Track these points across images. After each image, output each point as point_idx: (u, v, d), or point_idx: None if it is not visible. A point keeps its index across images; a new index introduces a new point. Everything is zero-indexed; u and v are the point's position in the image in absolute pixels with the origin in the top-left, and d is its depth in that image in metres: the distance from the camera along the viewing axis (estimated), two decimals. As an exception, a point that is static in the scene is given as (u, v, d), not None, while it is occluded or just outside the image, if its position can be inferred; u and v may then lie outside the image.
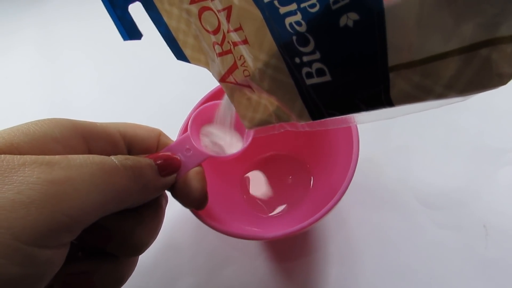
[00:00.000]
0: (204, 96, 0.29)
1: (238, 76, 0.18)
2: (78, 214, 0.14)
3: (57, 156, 0.15)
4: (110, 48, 0.49)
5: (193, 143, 0.21)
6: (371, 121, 0.17)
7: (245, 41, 0.16)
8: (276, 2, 0.14)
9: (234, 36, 0.17)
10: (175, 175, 0.20)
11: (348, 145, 0.26)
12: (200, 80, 0.42)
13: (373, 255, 0.30)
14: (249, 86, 0.18)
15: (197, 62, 0.19)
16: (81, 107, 0.44)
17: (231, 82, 0.19)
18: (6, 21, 0.53)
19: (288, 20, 0.14)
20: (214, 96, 0.29)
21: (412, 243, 0.30)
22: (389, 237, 0.31)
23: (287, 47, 0.15)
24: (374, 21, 0.13)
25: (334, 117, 0.17)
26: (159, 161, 0.19)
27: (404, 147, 0.35)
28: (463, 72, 0.12)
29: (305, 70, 0.16)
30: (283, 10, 0.14)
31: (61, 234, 0.14)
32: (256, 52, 0.16)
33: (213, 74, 0.19)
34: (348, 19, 0.13)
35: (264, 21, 0.15)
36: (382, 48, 0.13)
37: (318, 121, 0.17)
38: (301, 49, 0.15)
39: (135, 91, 0.44)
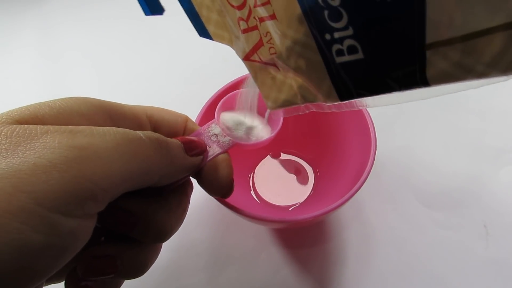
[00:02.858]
0: (213, 95, 0.29)
1: (263, 54, 0.18)
2: (102, 181, 0.13)
3: (80, 126, 0.15)
4: (110, 48, 0.49)
5: (220, 129, 0.21)
6: (382, 105, 0.17)
7: (272, 16, 0.16)
8: None
9: (261, 11, 0.16)
10: (201, 157, 0.20)
11: (362, 140, 0.26)
12: (202, 80, 0.42)
13: (373, 255, 0.30)
14: (274, 65, 0.18)
15: (220, 39, 0.19)
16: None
17: (255, 61, 0.18)
18: (7, 21, 0.53)
19: None
20: (223, 94, 0.29)
21: (412, 243, 0.30)
22: (389, 237, 0.31)
23: (317, 22, 0.15)
24: None
25: (349, 100, 0.16)
26: (186, 143, 0.19)
27: (405, 147, 0.35)
28: (509, 49, 0.12)
29: (335, 47, 0.15)
30: None
31: (86, 202, 0.13)
32: (284, 28, 0.16)
33: (236, 52, 0.19)
34: None
35: None
36: (421, 23, 0.13)
37: (341, 102, 0.17)
38: (333, 24, 0.15)
39: (135, 91, 0.44)
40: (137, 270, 0.18)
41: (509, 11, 0.11)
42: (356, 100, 0.17)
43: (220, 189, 0.21)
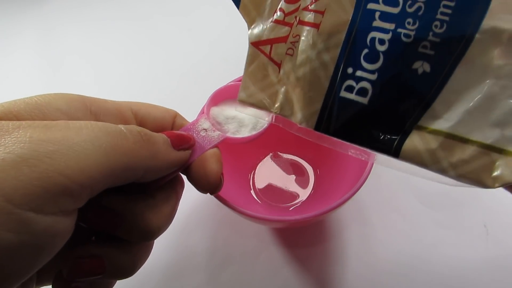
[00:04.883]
0: (211, 95, 0.28)
1: (279, 50, 0.18)
2: (77, 175, 0.13)
3: (56, 121, 0.14)
4: (110, 48, 0.49)
5: (209, 123, 0.21)
6: (390, 167, 0.17)
7: (316, 25, 0.16)
8: (376, 14, 0.15)
9: (308, 16, 0.17)
10: (189, 151, 0.19)
11: None
12: (202, 81, 0.42)
13: (373, 255, 0.30)
14: (278, 65, 0.18)
15: (245, 13, 0.19)
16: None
17: (262, 51, 0.18)
18: (7, 21, 0.53)
19: (374, 34, 0.15)
20: (223, 91, 0.28)
21: (412, 242, 0.30)
22: (389, 237, 0.31)
23: (351, 53, 0.16)
24: (437, 79, 0.14)
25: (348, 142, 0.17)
26: (172, 137, 0.18)
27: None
28: (471, 162, 0.14)
29: (349, 82, 0.16)
30: (377, 23, 0.15)
31: (60, 197, 0.12)
32: (319, 40, 0.16)
33: (249, 33, 0.19)
34: (422, 66, 0.14)
35: (349, 22, 0.16)
36: (425, 107, 0.15)
37: (325, 136, 0.17)
38: (364, 63, 0.15)
39: (134, 91, 0.44)
40: (126, 270, 0.17)
41: (488, 136, 0.14)
42: (371, 152, 0.17)
43: (208, 184, 0.20)
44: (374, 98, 0.15)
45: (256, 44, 0.18)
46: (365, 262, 0.30)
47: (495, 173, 0.14)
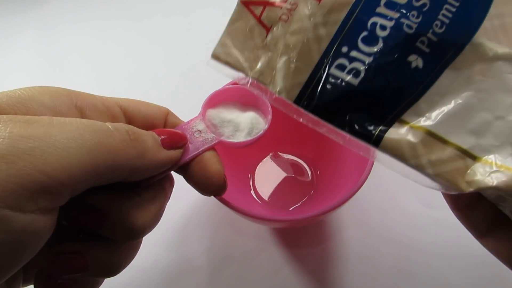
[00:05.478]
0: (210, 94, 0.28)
1: (270, 13, 0.17)
2: (58, 173, 0.12)
3: (41, 116, 0.14)
4: (110, 48, 0.49)
5: (204, 125, 0.21)
6: (388, 168, 0.16)
7: None
8: (382, 1, 0.15)
9: None
10: (180, 150, 0.19)
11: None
12: (202, 81, 0.42)
13: (373, 255, 0.30)
14: (267, 29, 0.17)
15: None
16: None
17: (251, 11, 0.17)
18: (7, 21, 0.53)
19: (376, 19, 0.15)
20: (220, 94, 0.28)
21: (412, 242, 0.30)
22: (390, 237, 0.31)
23: (349, 33, 0.16)
24: (426, 78, 0.15)
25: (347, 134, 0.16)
26: (163, 135, 0.18)
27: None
28: (449, 163, 0.15)
29: (341, 61, 0.16)
30: (381, 10, 0.15)
31: (39, 195, 0.12)
32: (318, 13, 0.16)
33: None
34: (416, 60, 0.15)
35: (353, 2, 0.16)
36: (411, 103, 0.15)
37: (302, 111, 0.16)
38: (361, 44, 0.15)
39: (134, 91, 0.44)
40: (109, 269, 0.17)
41: (466, 142, 0.15)
42: (373, 150, 0.16)
43: (212, 186, 0.19)
44: (365, 81, 0.15)
45: (246, 4, 0.17)
46: (365, 262, 0.30)
47: (468, 178, 0.15)
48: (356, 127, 0.16)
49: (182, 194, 0.24)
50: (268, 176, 0.34)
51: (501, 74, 0.15)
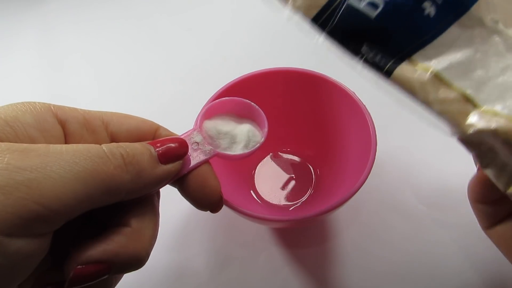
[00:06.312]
0: (213, 95, 0.28)
1: None
2: (52, 203, 0.13)
3: (37, 144, 0.14)
4: (110, 49, 0.49)
5: (202, 137, 0.20)
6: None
7: None
8: None
9: None
10: (180, 162, 0.18)
11: (362, 140, 0.26)
12: (202, 81, 0.42)
13: (373, 255, 0.30)
14: None
15: None
16: (81, 107, 0.44)
17: None
18: (7, 21, 0.53)
19: None
20: (222, 94, 0.28)
21: (412, 243, 0.30)
22: (389, 237, 0.31)
23: None
24: (436, 26, 0.16)
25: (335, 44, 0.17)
26: (160, 148, 0.17)
27: (405, 146, 0.35)
28: (454, 103, 0.16)
29: None
30: None
31: (34, 223, 0.13)
32: None
33: None
34: (430, 8, 0.16)
35: None
36: (420, 44, 0.16)
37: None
38: None
39: (134, 91, 0.44)
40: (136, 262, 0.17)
41: (466, 86, 0.16)
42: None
43: (210, 201, 0.19)
44: (382, 15, 0.16)
45: None
46: (365, 262, 0.30)
47: (469, 121, 0.16)
48: (370, 56, 0.16)
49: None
50: (268, 176, 0.34)
51: (497, 44, 0.16)
